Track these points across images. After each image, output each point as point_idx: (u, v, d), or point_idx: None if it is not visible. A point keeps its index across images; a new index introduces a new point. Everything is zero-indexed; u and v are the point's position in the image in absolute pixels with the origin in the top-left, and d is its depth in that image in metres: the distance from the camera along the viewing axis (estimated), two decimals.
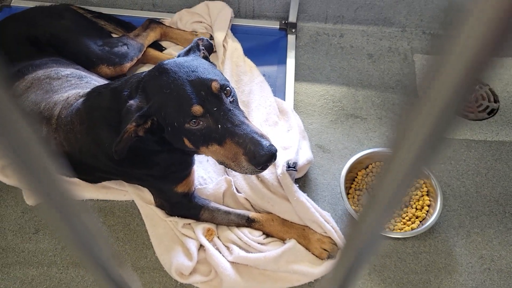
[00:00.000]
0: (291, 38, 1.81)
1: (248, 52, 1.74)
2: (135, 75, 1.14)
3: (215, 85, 1.02)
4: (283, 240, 1.33)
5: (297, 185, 1.34)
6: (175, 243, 1.32)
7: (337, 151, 1.59)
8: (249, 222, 1.33)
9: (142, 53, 1.64)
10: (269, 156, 1.02)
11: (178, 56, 1.14)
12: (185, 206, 1.32)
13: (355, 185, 1.48)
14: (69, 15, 1.59)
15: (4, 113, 0.30)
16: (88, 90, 1.21)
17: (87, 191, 1.41)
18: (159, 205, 1.37)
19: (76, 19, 1.60)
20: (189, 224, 1.34)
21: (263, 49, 1.79)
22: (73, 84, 1.31)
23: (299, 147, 1.45)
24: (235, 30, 1.80)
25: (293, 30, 1.83)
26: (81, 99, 1.20)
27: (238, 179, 1.41)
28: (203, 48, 1.17)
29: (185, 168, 1.25)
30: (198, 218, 1.34)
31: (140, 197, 1.40)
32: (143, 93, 1.05)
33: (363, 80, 1.77)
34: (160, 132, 1.07)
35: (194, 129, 1.02)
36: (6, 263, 1.31)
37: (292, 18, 1.80)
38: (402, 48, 1.86)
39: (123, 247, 1.35)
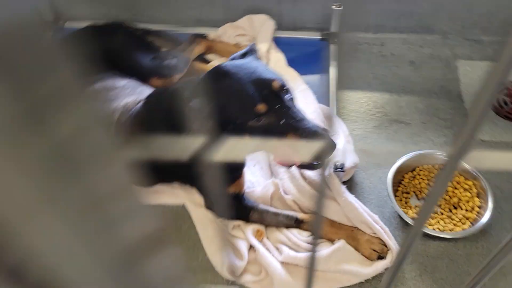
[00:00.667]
0: (333, 48, 1.85)
1: (291, 62, 1.79)
2: (194, 78, 1.21)
3: (275, 84, 1.08)
4: (331, 241, 1.34)
5: (345, 186, 1.36)
6: (226, 244, 1.36)
7: (382, 155, 1.58)
8: (297, 223, 1.35)
9: (189, 66, 1.72)
10: (330, 150, 1.05)
11: (233, 59, 1.20)
12: (235, 207, 1.35)
13: (402, 188, 1.47)
14: (121, 31, 1.70)
15: None
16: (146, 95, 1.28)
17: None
18: (207, 206, 1.41)
19: (128, 35, 1.69)
20: (239, 225, 1.38)
21: (305, 59, 1.84)
22: (128, 93, 1.39)
23: (345, 151, 1.47)
24: (277, 41, 1.86)
25: (335, 40, 1.87)
26: (141, 103, 1.27)
27: (285, 181, 1.44)
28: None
29: (238, 169, 1.30)
30: (247, 220, 1.37)
31: (191, 200, 1.45)
32: (205, 94, 1.10)
33: (405, 86, 1.79)
34: (220, 130, 1.12)
35: (257, 126, 1.08)
36: None
37: (333, 29, 1.85)
38: (444, 54, 1.87)
39: (175, 249, 1.40)
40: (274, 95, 1.08)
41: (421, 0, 1.78)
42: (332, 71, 1.78)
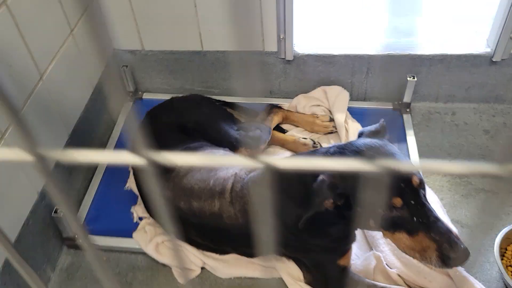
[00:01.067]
0: (407, 117, 1.88)
1: None
2: (321, 149, 1.21)
3: (415, 180, 1.06)
4: None
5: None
6: None
7: (476, 226, 1.54)
8: None
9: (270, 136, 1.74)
10: (464, 260, 1.04)
11: (360, 133, 1.21)
12: (341, 281, 1.30)
13: (506, 261, 1.42)
14: (206, 103, 1.74)
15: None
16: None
17: (236, 268, 1.42)
18: (309, 281, 1.36)
19: (212, 107, 1.74)
20: None
21: None
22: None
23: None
24: (350, 111, 1.89)
25: (407, 110, 1.90)
26: (258, 172, 1.26)
27: (387, 254, 1.39)
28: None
29: (350, 241, 1.27)
30: None
31: (289, 274, 1.40)
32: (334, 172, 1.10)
33: (485, 155, 1.78)
34: (347, 209, 1.10)
35: (387, 216, 1.06)
36: None
37: (407, 99, 1.88)
38: None
39: None
40: (411, 190, 1.06)
41: (494, 72, 1.83)
42: (410, 141, 1.79)
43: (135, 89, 2.01)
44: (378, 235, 1.43)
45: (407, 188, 1.05)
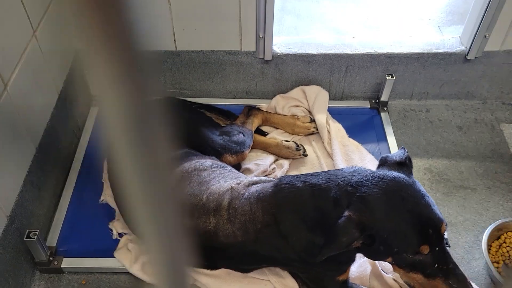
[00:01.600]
0: (385, 116, 1.88)
1: (346, 131, 1.79)
2: (339, 173, 1.16)
3: (444, 228, 1.06)
4: None
5: None
6: None
7: (459, 223, 1.59)
8: None
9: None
10: None
11: (383, 161, 1.18)
12: None
13: (491, 257, 1.46)
14: (184, 107, 1.64)
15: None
16: (272, 181, 1.22)
17: (229, 283, 1.36)
18: None
19: (191, 111, 1.64)
20: None
21: (359, 128, 1.85)
22: (220, 174, 1.33)
23: None
24: (328, 111, 1.86)
25: (385, 108, 1.90)
26: (260, 188, 1.20)
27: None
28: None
29: (352, 261, 1.24)
30: None
31: (283, 285, 1.35)
32: (363, 206, 1.05)
33: (460, 151, 1.82)
34: (368, 245, 1.07)
35: (410, 259, 1.06)
36: None
37: (384, 97, 1.88)
38: (487, 118, 1.94)
39: None
40: (438, 237, 1.06)
41: (467, 69, 1.86)
42: (391, 140, 1.80)
43: None
44: None
45: (434, 235, 1.05)
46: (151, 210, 0.30)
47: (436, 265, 1.06)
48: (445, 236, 1.35)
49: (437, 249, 1.05)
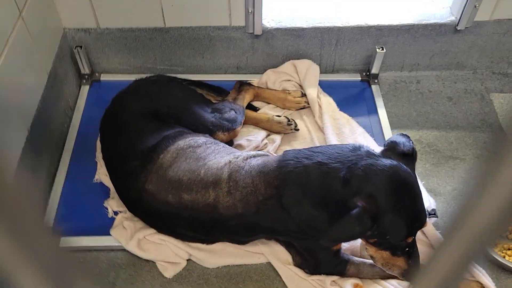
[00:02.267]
0: (375, 88, 1.89)
1: (337, 105, 1.80)
2: (346, 152, 1.20)
3: (425, 224, 1.18)
4: None
5: (439, 231, 1.36)
6: None
7: (448, 193, 1.62)
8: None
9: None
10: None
11: (390, 146, 1.23)
12: (332, 262, 1.32)
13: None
14: (176, 85, 1.64)
15: None
16: (275, 156, 1.27)
17: (223, 257, 1.40)
18: (298, 264, 1.37)
19: (183, 89, 1.64)
20: (334, 281, 1.34)
21: (350, 101, 1.86)
22: (215, 150, 1.35)
23: None
24: (319, 84, 1.86)
25: (376, 81, 1.91)
26: (261, 161, 1.25)
27: None
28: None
29: None
30: (343, 274, 1.33)
31: (277, 258, 1.39)
32: (374, 196, 1.12)
33: (449, 122, 1.84)
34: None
35: (390, 243, 1.16)
36: None
37: (375, 70, 1.88)
38: (477, 88, 1.95)
39: None
40: (418, 230, 1.19)
41: (457, 40, 1.86)
42: (382, 112, 1.81)
43: (91, 71, 1.86)
44: None
45: (417, 229, 1.18)
46: None
47: (407, 248, 1.18)
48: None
49: (413, 237, 1.18)
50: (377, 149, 1.63)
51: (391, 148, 1.23)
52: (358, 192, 1.11)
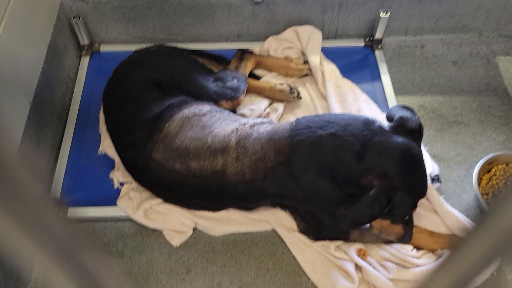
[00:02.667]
0: (379, 54, 1.86)
1: (340, 71, 1.78)
2: (359, 125, 1.21)
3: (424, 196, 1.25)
4: (433, 251, 1.35)
5: (442, 196, 1.37)
6: (330, 266, 1.34)
7: (451, 158, 1.62)
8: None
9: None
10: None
11: (401, 123, 1.24)
12: (336, 227, 1.33)
13: (481, 190, 1.51)
14: (176, 55, 1.62)
15: None
16: (290, 123, 1.28)
17: (228, 225, 1.42)
18: (302, 230, 1.39)
19: (184, 59, 1.62)
20: (338, 246, 1.36)
21: (353, 67, 1.83)
22: (220, 118, 1.36)
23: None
24: (322, 51, 1.84)
25: (379, 46, 1.88)
26: (271, 128, 1.26)
27: None
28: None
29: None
30: (347, 239, 1.35)
31: (281, 225, 1.41)
32: (388, 175, 1.16)
33: (454, 87, 1.82)
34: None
35: (394, 214, 1.22)
36: None
37: (378, 35, 1.85)
38: (482, 52, 1.92)
39: (276, 276, 1.36)
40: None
41: (462, 1, 1.82)
42: (385, 78, 1.79)
43: (90, 42, 1.84)
44: None
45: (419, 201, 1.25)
46: None
47: (406, 217, 1.26)
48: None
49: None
50: (381, 116, 1.63)
51: (400, 125, 1.25)
52: (372, 170, 1.16)
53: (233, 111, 1.60)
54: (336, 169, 1.19)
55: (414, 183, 1.20)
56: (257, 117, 1.57)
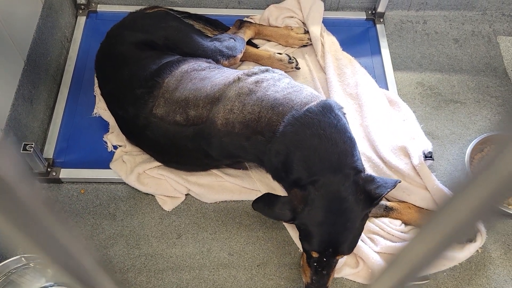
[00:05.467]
0: (380, 28, 1.83)
1: (340, 44, 1.76)
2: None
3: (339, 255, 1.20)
4: (420, 227, 1.37)
5: (434, 173, 1.38)
6: None
7: (445, 136, 1.63)
8: (387, 211, 1.37)
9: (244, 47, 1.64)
10: None
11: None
12: None
13: (472, 169, 1.52)
14: (172, 17, 1.59)
15: None
16: (306, 101, 1.22)
17: (220, 193, 1.43)
18: None
19: (178, 21, 1.59)
20: None
21: (354, 41, 1.81)
22: (219, 71, 1.35)
23: (418, 135, 1.49)
24: (322, 23, 1.81)
25: (381, 20, 1.85)
26: (287, 105, 1.21)
27: (368, 171, 1.44)
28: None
29: None
30: None
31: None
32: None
33: (453, 65, 1.81)
34: None
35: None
36: (158, 269, 1.33)
37: (381, 8, 1.82)
38: (484, 31, 1.90)
39: (265, 245, 1.38)
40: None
41: None
42: (385, 53, 1.77)
43: (87, 1, 1.79)
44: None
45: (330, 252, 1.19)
46: None
47: (315, 264, 1.20)
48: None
49: None
50: (378, 91, 1.62)
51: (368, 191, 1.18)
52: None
53: None
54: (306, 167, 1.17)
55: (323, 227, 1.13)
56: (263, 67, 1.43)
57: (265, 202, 1.17)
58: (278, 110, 1.20)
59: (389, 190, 1.14)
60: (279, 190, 1.42)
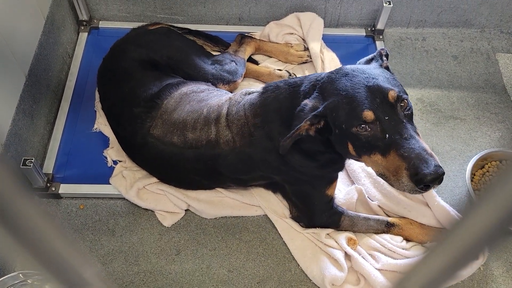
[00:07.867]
0: (380, 45, 1.85)
1: (340, 61, 1.77)
2: (314, 74, 1.20)
3: (392, 94, 1.03)
4: (422, 243, 1.36)
5: (435, 189, 1.38)
6: (319, 254, 1.35)
7: (446, 153, 1.63)
8: (388, 227, 1.36)
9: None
10: (434, 177, 0.98)
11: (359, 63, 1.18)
12: (326, 213, 1.34)
13: (474, 185, 1.51)
14: (175, 35, 1.60)
15: None
16: (263, 85, 1.29)
17: (220, 209, 1.42)
18: (294, 217, 1.39)
19: (182, 40, 1.60)
20: (328, 234, 1.36)
21: (353, 57, 1.81)
22: (217, 94, 1.38)
23: None
24: (322, 39, 1.82)
25: (381, 37, 1.86)
26: (254, 94, 1.26)
27: (369, 187, 1.43)
28: (386, 58, 1.20)
29: (337, 170, 1.28)
30: (338, 226, 1.36)
31: (273, 211, 1.42)
32: (319, 93, 1.11)
33: (453, 81, 1.82)
34: (328, 134, 1.11)
35: (361, 134, 1.04)
36: (157, 286, 1.31)
37: (380, 25, 1.83)
38: (483, 48, 1.91)
39: (265, 262, 1.37)
40: (387, 105, 1.03)
41: None
42: None
43: (89, 18, 1.81)
44: (359, 169, 1.46)
45: (383, 104, 1.02)
46: None
47: (388, 135, 1.00)
48: (405, 110, 1.29)
49: (386, 118, 1.01)
50: None
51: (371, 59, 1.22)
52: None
53: None
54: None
55: (347, 87, 1.05)
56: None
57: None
58: (254, 100, 1.25)
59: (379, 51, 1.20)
60: (278, 206, 1.42)
